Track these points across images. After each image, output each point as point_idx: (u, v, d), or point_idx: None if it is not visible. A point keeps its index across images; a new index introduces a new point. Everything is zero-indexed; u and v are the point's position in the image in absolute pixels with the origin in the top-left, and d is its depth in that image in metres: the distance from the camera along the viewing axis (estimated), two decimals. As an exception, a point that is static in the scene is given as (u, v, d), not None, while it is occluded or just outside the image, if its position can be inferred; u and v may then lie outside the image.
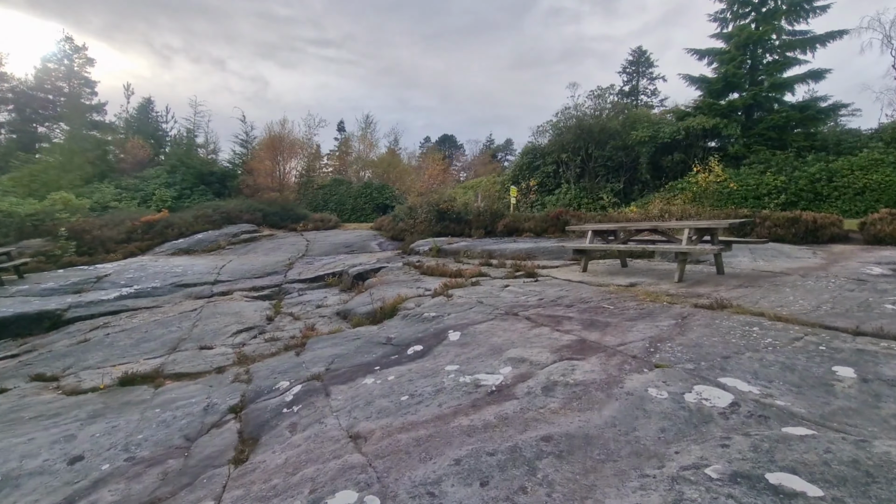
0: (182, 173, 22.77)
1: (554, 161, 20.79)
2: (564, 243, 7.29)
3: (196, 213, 19.42)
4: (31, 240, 16.81)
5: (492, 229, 14.46)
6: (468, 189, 30.05)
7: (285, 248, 16.09)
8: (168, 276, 11.54)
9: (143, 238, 17.64)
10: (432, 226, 15.18)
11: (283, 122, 21.73)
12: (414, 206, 16.27)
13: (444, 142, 63.88)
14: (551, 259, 9.27)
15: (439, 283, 7.09)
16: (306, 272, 12.25)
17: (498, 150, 57.44)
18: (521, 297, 5.77)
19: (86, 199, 20.50)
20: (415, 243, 13.96)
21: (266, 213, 20.51)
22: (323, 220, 20.78)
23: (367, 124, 32.17)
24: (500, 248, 10.96)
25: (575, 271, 7.62)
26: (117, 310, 9.17)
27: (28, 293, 10.05)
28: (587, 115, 19.84)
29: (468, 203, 16.22)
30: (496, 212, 14.87)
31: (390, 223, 17.28)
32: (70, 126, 26.99)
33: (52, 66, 31.07)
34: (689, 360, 3.17)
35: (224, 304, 9.19)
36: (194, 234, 18.10)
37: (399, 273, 9.84)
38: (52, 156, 21.50)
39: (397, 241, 15.80)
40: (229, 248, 16.85)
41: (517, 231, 14.04)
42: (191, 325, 7.32)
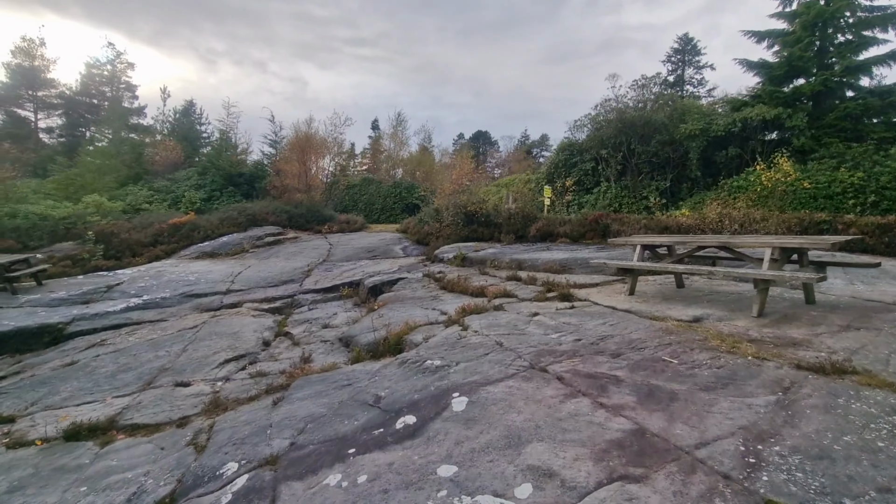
0: (212, 175, 22.58)
1: (592, 158, 19.21)
2: (606, 259, 6.01)
3: (221, 216, 19.05)
4: (63, 243, 16.86)
5: (523, 234, 13.21)
6: (501, 187, 28.74)
7: (307, 252, 15.39)
8: (181, 284, 10.96)
9: (169, 241, 17.37)
10: (459, 229, 14.07)
11: (308, 122, 21.20)
12: (440, 209, 15.20)
13: (478, 138, 62.47)
14: (589, 273, 7.98)
15: (457, 307, 5.98)
16: (323, 281, 11.42)
17: (533, 146, 55.56)
18: (553, 333, 4.58)
19: (119, 202, 20.61)
20: (440, 249, 12.89)
21: (292, 215, 19.95)
22: (349, 221, 20.03)
23: (398, 122, 31.36)
24: (531, 258, 9.73)
25: (619, 293, 6.34)
26: (120, 323, 8.58)
27: (38, 303, 9.63)
28: (629, 107, 18.14)
29: (498, 205, 15.01)
30: (528, 214, 13.60)
31: (416, 226, 16.29)
32: (111, 129, 27.47)
33: (95, 72, 31.90)
34: (819, 491, 1.94)
35: (227, 319, 8.42)
36: (219, 237, 17.71)
37: (417, 287, 8.80)
38: (90, 160, 21.76)
39: (422, 246, 14.79)
40: (253, 251, 16.32)
41: (551, 236, 12.73)
42: (181, 349, 6.53)
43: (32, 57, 29.55)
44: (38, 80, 30.28)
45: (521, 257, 9.96)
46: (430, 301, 7.34)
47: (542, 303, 6.08)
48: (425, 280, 9.28)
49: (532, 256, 9.94)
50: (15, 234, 16.72)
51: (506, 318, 5.31)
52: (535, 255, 10.08)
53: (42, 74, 30.24)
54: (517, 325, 4.94)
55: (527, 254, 10.51)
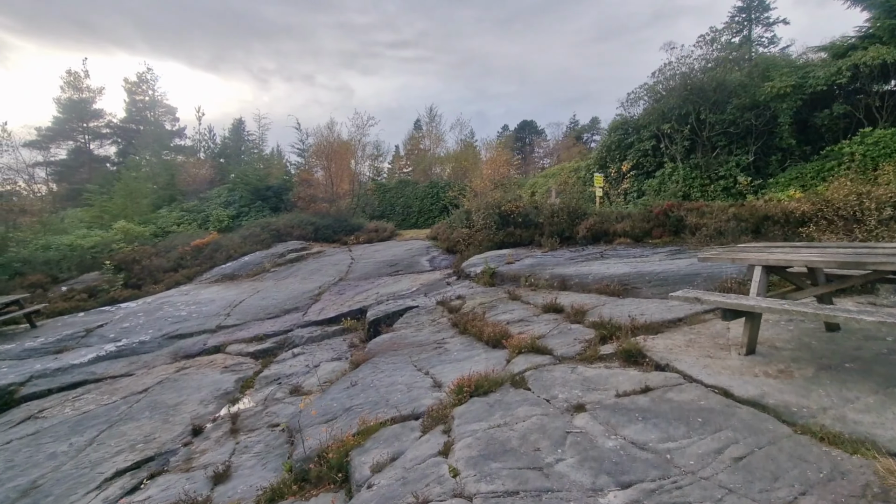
0: (240, 191, 21.59)
1: (652, 135, 16.06)
2: (699, 294, 3.46)
3: (244, 234, 17.81)
4: (90, 273, 16.25)
5: (570, 234, 10.60)
6: (549, 177, 25.89)
7: (326, 269, 13.63)
8: (169, 322, 9.46)
9: (192, 264, 16.28)
10: (493, 234, 11.68)
11: (330, 125, 19.53)
12: (470, 210, 12.88)
13: (524, 128, 59.14)
14: (663, 297, 5.40)
15: (455, 381, 3.69)
16: (329, 308, 9.52)
17: (583, 131, 51.55)
18: (618, 470, 2.22)
19: (150, 226, 20.06)
20: (468, 261, 10.59)
21: (318, 227, 18.37)
22: (378, 229, 18.16)
23: (431, 117, 29.22)
24: (578, 273, 7.19)
25: (723, 346, 3.78)
26: (78, 381, 7.12)
27: (7, 354, 8.40)
28: (695, 69, 14.84)
29: (539, 201, 12.48)
30: (576, 210, 10.95)
31: (445, 231, 14.08)
32: (150, 153, 27.48)
33: (138, 98, 32.38)
34: None
35: (190, 375, 6.66)
36: (242, 257, 16.42)
37: (424, 322, 6.57)
38: (122, 185, 21.46)
39: (452, 255, 12.55)
40: (273, 270, 14.83)
41: (605, 235, 10.05)
42: (88, 440, 4.74)
43: (80, 90, 30.33)
44: (87, 112, 31.09)
45: (566, 271, 7.44)
46: (430, 351, 5.12)
47: (592, 368, 3.66)
48: (438, 310, 7.03)
49: (580, 270, 7.40)
50: (46, 266, 16.33)
51: (524, 422, 2.94)
52: (584, 268, 7.53)
53: (90, 106, 31.02)
54: (540, 448, 2.58)
55: (573, 265, 7.97)
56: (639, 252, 8.30)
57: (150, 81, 32.22)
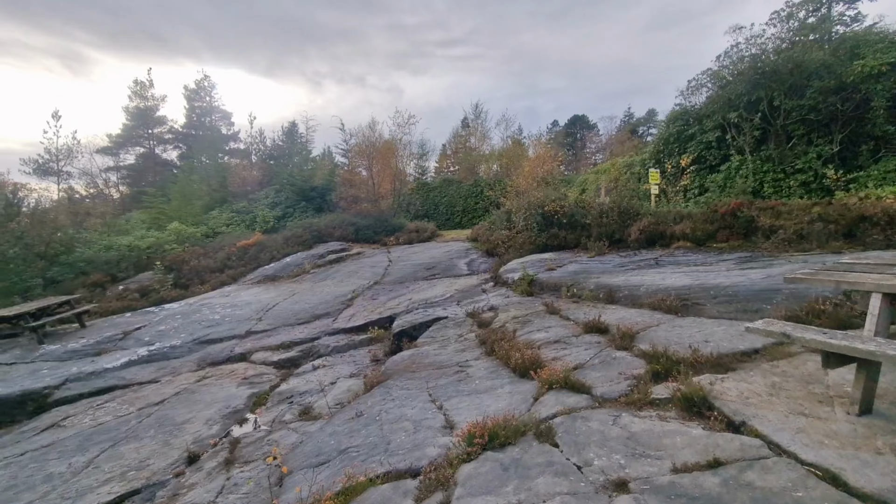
0: (287, 192, 21.88)
1: (716, 125, 14.51)
2: (787, 331, 2.57)
3: (287, 235, 17.91)
4: (145, 272, 16.90)
5: (621, 237, 9.56)
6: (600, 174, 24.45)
7: (363, 272, 13.29)
8: (203, 326, 9.39)
9: (237, 265, 16.53)
10: (535, 236, 10.81)
11: (372, 125, 19.28)
12: (511, 211, 12.06)
13: (575, 123, 56.85)
14: (732, 318, 4.44)
15: (467, 426, 3.01)
16: (359, 315, 9.10)
17: (638, 124, 48.77)
18: None
19: (202, 227, 20.72)
20: (507, 266, 9.82)
21: (358, 228, 18.17)
22: (418, 230, 17.69)
23: (477, 114, 28.43)
24: (628, 283, 6.27)
25: (817, 398, 2.85)
26: (107, 387, 7.09)
27: (51, 356, 8.60)
28: (768, 50, 13.19)
29: (587, 200, 11.47)
30: (627, 210, 9.88)
31: (485, 233, 13.34)
32: (206, 157, 28.61)
33: (196, 104, 33.92)
34: None
35: (208, 386, 6.41)
36: (284, 258, 16.48)
37: (451, 337, 5.91)
38: (177, 188, 22.37)
39: (492, 258, 11.80)
40: (313, 272, 14.71)
41: (661, 238, 8.95)
42: (87, 461, 4.48)
43: (145, 98, 32.16)
44: (151, 119, 32.93)
45: (614, 281, 6.52)
46: (450, 376, 4.46)
47: (640, 418, 2.85)
48: (467, 323, 6.34)
49: (631, 280, 6.46)
50: (107, 266, 17.17)
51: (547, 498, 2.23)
52: (635, 277, 6.57)
53: (154, 113, 32.82)
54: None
55: (623, 273, 7.01)
56: (701, 258, 7.21)
57: (207, 88, 33.66)
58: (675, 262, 7.27)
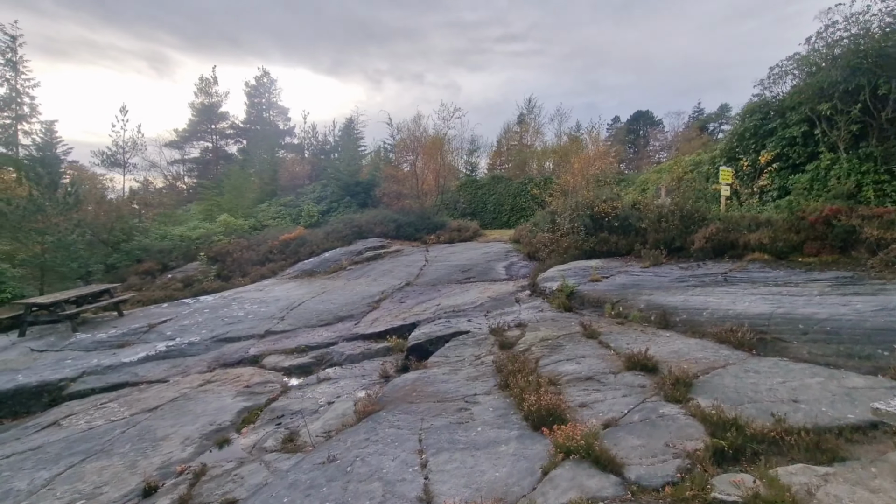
0: (332, 187, 21.79)
1: (802, 119, 12.55)
2: None
3: (328, 230, 17.69)
4: (192, 262, 17.30)
5: (682, 245, 8.24)
6: (663, 173, 22.46)
7: (398, 271, 12.69)
8: (225, 322, 9.11)
9: (278, 258, 16.51)
10: (581, 239, 9.66)
11: (417, 119, 18.62)
12: (556, 211, 10.94)
13: (637, 119, 53.54)
14: (832, 370, 3.25)
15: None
16: (382, 320, 8.46)
17: (708, 120, 45.03)
18: None
19: (251, 219, 21.07)
20: (547, 272, 8.77)
21: (400, 224, 17.62)
22: (460, 228, 16.86)
23: (530, 109, 27.13)
24: (687, 304, 5.10)
25: None
26: (119, 383, 6.91)
27: (78, 346, 8.60)
28: (873, 29, 11.11)
29: (644, 201, 10.15)
30: (691, 213, 8.53)
31: (528, 234, 12.29)
32: (263, 151, 29.32)
33: (256, 101, 34.97)
34: None
35: (204, 395, 5.98)
36: (323, 253, 16.25)
37: (465, 359, 5.04)
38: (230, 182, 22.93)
39: (533, 262, 10.78)
40: (349, 268, 14.33)
41: (733, 248, 7.56)
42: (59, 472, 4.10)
43: (209, 94, 33.55)
44: (215, 115, 34.31)
45: (670, 300, 5.36)
46: (450, 414, 3.62)
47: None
48: (488, 342, 5.45)
49: (691, 300, 5.27)
50: (160, 255, 17.76)
51: None
52: (697, 297, 5.37)
53: (217, 109, 34.17)
54: None
55: (682, 290, 5.81)
56: (783, 276, 5.86)
57: (266, 85, 34.51)
58: (748, 279, 5.97)
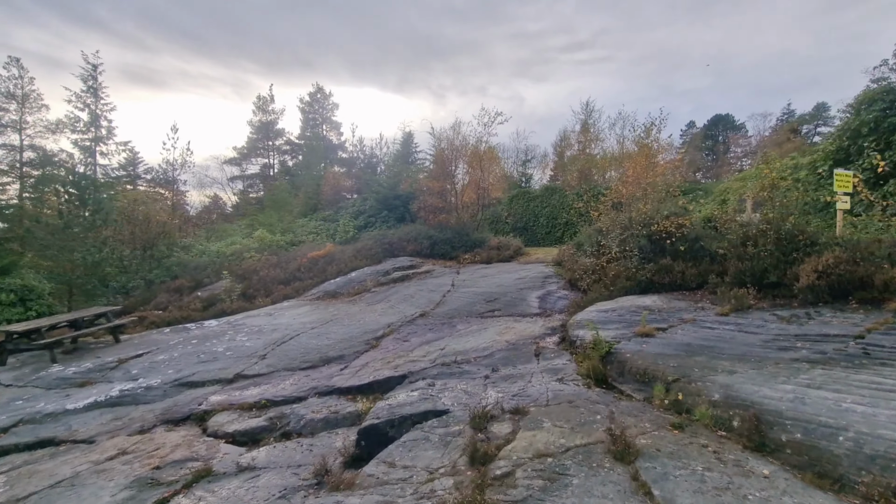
0: (371, 201, 20.69)
1: (950, 105, 9.45)
2: None
3: (357, 248, 16.43)
4: (223, 280, 16.73)
5: (779, 279, 5.79)
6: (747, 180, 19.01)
7: (419, 297, 11.00)
8: (197, 361, 7.82)
9: (305, 276, 15.45)
10: (634, 267, 7.39)
11: (456, 126, 16.88)
12: (603, 230, 8.71)
13: (716, 124, 48.38)
14: None
15: None
16: (372, 366, 6.78)
17: (802, 121, 39.39)
18: None
19: (289, 235, 20.45)
20: (586, 310, 6.63)
21: (435, 241, 15.97)
22: (500, 247, 14.89)
23: (588, 113, 24.56)
24: (802, 406, 2.88)
25: None
26: (47, 439, 5.74)
27: (41, 382, 7.60)
28: None
29: (723, 217, 7.67)
30: (792, 235, 6.05)
31: (571, 256, 10.09)
32: (313, 166, 29.18)
33: (310, 116, 35.29)
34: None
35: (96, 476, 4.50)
36: (350, 273, 14.95)
37: (410, 477, 3.19)
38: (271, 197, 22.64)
39: (575, 291, 8.62)
40: (374, 290, 12.89)
41: (863, 288, 5.04)
42: None
43: (266, 112, 34.28)
44: (272, 131, 35.00)
45: (767, 393, 3.14)
46: None
47: None
48: (460, 443, 3.54)
49: (809, 399, 3.01)
50: (195, 271, 17.43)
51: None
52: (819, 392, 3.10)
53: (274, 126, 34.85)
54: None
55: (787, 368, 3.54)
56: None
57: (321, 100, 34.71)
58: None
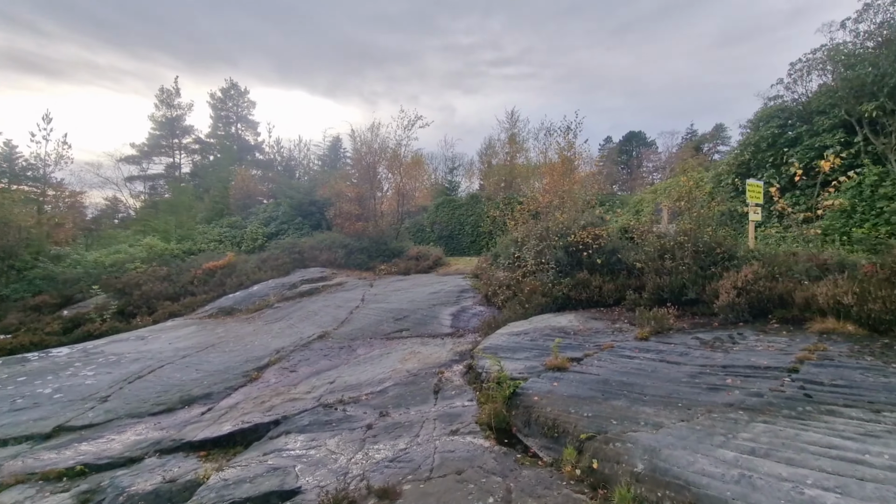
0: (284, 206, 18.89)
1: (836, 124, 9.90)
2: None
3: (262, 258, 14.70)
4: (101, 295, 14.17)
5: (698, 296, 5.32)
6: (662, 194, 19.67)
7: (324, 314, 9.70)
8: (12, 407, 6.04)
9: (200, 291, 13.45)
10: (551, 281, 6.73)
11: (374, 128, 15.65)
12: (519, 240, 8.02)
13: (630, 140, 51.26)
14: None
15: None
16: (241, 408, 5.46)
17: (703, 140, 42.78)
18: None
19: (187, 242, 18.09)
20: (496, 333, 5.78)
21: (351, 251, 14.67)
22: (419, 257, 13.93)
23: (513, 122, 24.52)
24: (751, 488, 2.16)
25: None
26: None
27: None
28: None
29: (637, 228, 7.22)
30: (710, 248, 5.65)
31: (489, 269, 9.35)
32: (222, 168, 26.52)
33: (222, 114, 32.39)
34: None
35: None
36: (252, 286, 13.21)
37: None
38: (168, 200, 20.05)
39: (491, 307, 7.84)
40: (276, 306, 11.33)
41: (784, 306, 4.63)
42: None
43: (171, 107, 30.90)
44: (179, 128, 31.63)
45: (703, 467, 2.39)
46: None
47: None
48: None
49: (759, 471, 2.30)
50: (65, 285, 14.64)
51: None
52: (766, 462, 2.39)
53: (180, 122, 31.51)
54: None
55: (721, 418, 2.83)
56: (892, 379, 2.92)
57: (236, 97, 31.97)
58: (851, 388, 3.00)
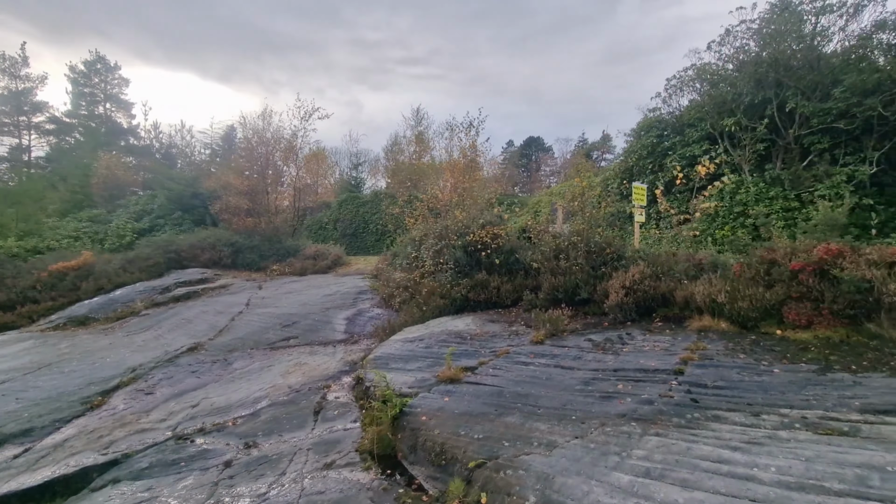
0: (161, 198, 16.58)
1: (703, 136, 10.96)
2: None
3: (129, 258, 12.69)
4: None
5: (590, 296, 5.37)
6: (557, 196, 20.64)
7: (200, 321, 8.48)
8: None
9: (46, 297, 11.17)
10: (450, 283, 6.45)
11: (266, 115, 14.25)
12: (417, 240, 7.67)
13: (530, 145, 54.04)
14: None
15: None
16: (67, 449, 4.33)
17: (592, 147, 46.48)
18: None
19: (33, 239, 15.09)
20: (390, 340, 5.33)
21: (239, 249, 13.23)
22: (317, 256, 12.97)
23: (418, 120, 24.26)
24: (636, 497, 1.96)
25: None
26: None
27: None
28: (778, 36, 9.70)
29: (534, 228, 7.23)
30: (601, 248, 5.75)
31: (387, 269, 8.87)
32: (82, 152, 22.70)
33: (86, 91, 27.83)
34: None
35: None
36: (115, 290, 11.30)
37: None
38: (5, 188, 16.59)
39: (389, 310, 7.38)
40: (144, 313, 9.74)
41: (666, 305, 4.79)
42: None
43: (18, 78, 25.77)
44: (27, 104, 26.51)
45: (602, 498, 2.18)
46: None
47: None
48: None
49: (655, 491, 2.13)
50: None
51: None
52: (660, 486, 2.26)
53: (30, 97, 26.45)
54: None
55: (615, 423, 2.70)
56: (764, 377, 3.03)
57: (103, 73, 27.63)
58: (733, 389, 3.03)
